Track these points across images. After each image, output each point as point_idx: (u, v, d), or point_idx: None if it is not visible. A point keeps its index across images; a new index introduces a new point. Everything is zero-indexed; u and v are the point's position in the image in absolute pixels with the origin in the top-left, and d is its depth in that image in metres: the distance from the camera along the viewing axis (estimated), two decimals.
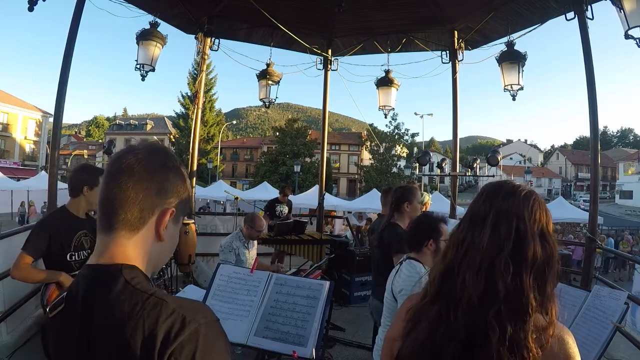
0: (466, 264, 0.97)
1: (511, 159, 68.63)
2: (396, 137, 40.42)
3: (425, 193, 5.76)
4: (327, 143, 7.89)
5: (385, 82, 6.51)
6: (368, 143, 44.94)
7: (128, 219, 0.82)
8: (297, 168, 31.11)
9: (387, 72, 6.53)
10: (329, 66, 6.95)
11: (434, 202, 7.10)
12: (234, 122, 70.27)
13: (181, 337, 0.72)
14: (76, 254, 2.58)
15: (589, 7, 4.42)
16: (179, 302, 0.77)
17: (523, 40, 5.45)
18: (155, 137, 50.71)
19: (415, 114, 34.28)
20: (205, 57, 6.41)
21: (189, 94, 37.98)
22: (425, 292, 1.07)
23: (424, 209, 5.51)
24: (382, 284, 3.06)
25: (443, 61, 6.40)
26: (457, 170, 6.74)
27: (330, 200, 18.28)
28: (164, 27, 5.63)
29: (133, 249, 0.84)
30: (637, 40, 3.74)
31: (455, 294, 0.96)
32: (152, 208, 0.84)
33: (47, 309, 0.88)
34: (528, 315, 0.91)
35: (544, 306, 0.94)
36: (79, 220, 2.64)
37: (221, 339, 0.78)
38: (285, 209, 7.09)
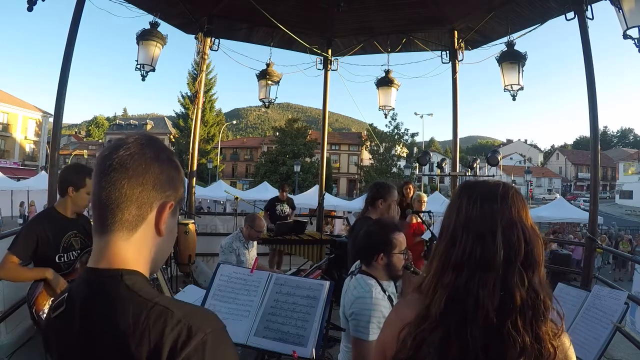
0: (476, 283, 0.93)
1: (511, 159, 68.68)
2: (396, 137, 40.43)
3: (421, 193, 5.78)
4: (327, 143, 7.88)
5: (385, 82, 6.52)
6: (368, 143, 44.92)
7: (126, 219, 0.78)
8: (297, 168, 31.13)
9: (387, 72, 6.53)
10: (329, 66, 6.95)
11: (434, 202, 7.10)
12: (234, 122, 70.36)
13: (188, 349, 0.69)
14: (65, 255, 2.54)
15: (589, 7, 4.42)
16: (184, 311, 0.73)
17: (523, 40, 5.46)
18: None
19: (415, 114, 34.38)
20: (205, 57, 6.41)
21: (189, 94, 37.99)
22: (424, 315, 0.99)
23: (422, 208, 5.53)
24: None
25: (443, 61, 6.41)
26: (457, 170, 6.74)
27: (330, 200, 18.30)
28: (164, 27, 5.65)
29: (132, 251, 0.79)
30: (635, 40, 3.74)
31: (467, 314, 0.93)
32: (151, 203, 0.79)
33: (50, 307, 0.86)
34: (545, 317, 0.91)
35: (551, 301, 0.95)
36: (68, 220, 2.57)
37: (229, 347, 0.75)
38: (286, 207, 7.09)
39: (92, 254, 0.82)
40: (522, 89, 5.30)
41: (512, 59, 5.23)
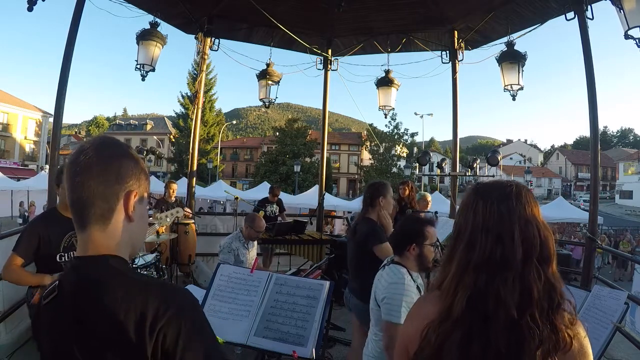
0: (497, 282, 0.96)
1: (511, 159, 68.64)
2: (395, 137, 40.39)
3: (426, 193, 5.77)
4: (327, 143, 7.88)
5: (385, 82, 6.51)
6: (368, 143, 44.88)
7: (98, 213, 0.91)
8: (297, 168, 31.12)
9: (387, 72, 6.53)
10: (329, 66, 6.95)
11: (434, 202, 7.10)
12: (234, 122, 70.32)
13: (168, 313, 0.83)
14: (66, 254, 2.55)
15: (589, 7, 4.42)
16: (163, 286, 0.91)
17: (523, 40, 5.46)
18: (155, 138, 50.76)
19: (415, 114, 34.34)
20: (205, 57, 6.41)
21: (189, 94, 37.97)
22: (446, 316, 1.01)
23: (426, 208, 5.53)
24: (357, 278, 3.05)
25: (443, 61, 6.41)
26: (457, 170, 6.73)
27: (330, 200, 18.28)
28: (164, 27, 5.65)
29: (111, 239, 0.92)
30: (637, 40, 3.74)
31: (487, 312, 0.96)
32: (116, 195, 0.92)
33: (41, 297, 0.94)
34: (560, 307, 0.95)
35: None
36: (68, 220, 2.57)
37: (202, 317, 0.89)
38: (275, 208, 7.12)
39: (78, 246, 0.95)
40: (522, 88, 5.30)
41: (512, 59, 5.23)
